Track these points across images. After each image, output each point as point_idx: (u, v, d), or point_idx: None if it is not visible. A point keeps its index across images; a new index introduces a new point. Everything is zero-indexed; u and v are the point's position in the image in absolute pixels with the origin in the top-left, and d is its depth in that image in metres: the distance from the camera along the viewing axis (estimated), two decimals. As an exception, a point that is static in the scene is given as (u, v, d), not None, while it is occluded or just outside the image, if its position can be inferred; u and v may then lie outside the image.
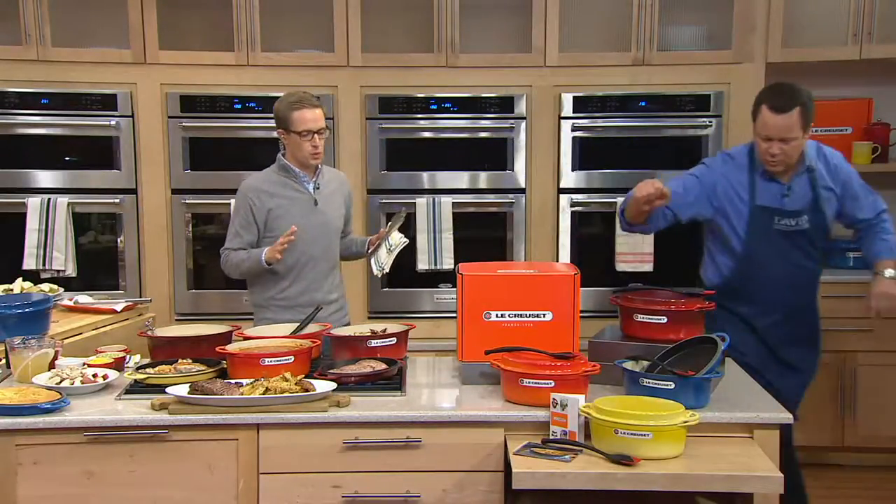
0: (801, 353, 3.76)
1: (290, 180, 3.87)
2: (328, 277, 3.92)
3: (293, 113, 3.77)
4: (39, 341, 3.29)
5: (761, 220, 3.63)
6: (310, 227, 3.83)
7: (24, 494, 2.94)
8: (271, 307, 3.89)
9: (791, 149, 3.53)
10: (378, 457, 2.98)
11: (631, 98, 4.85)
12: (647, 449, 2.75)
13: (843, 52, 4.90)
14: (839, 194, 3.68)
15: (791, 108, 3.49)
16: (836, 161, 3.72)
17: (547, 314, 3.23)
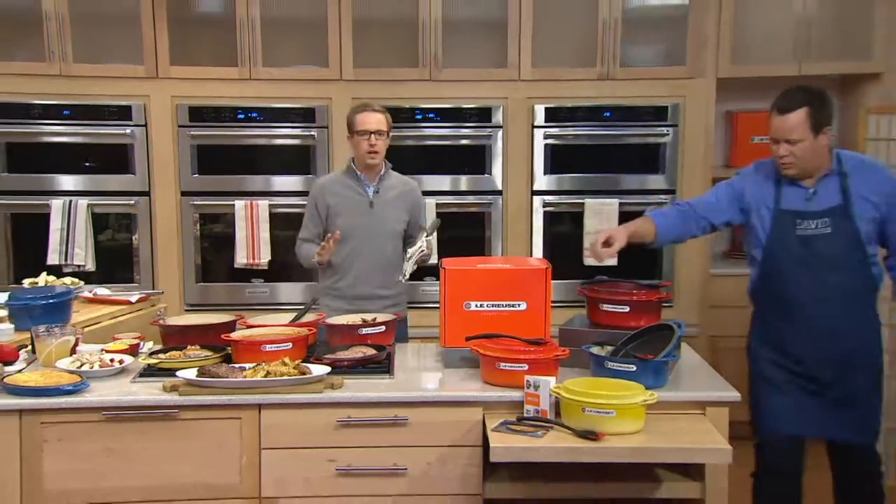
0: (845, 380, 3.17)
1: (352, 182, 3.88)
2: (377, 275, 3.86)
3: (356, 116, 3.82)
4: (62, 329, 3.27)
5: (783, 224, 3.21)
6: (362, 226, 3.83)
7: (50, 468, 2.93)
8: (327, 295, 3.90)
9: (800, 151, 3.13)
10: (368, 433, 2.97)
11: (596, 109, 4.85)
12: (611, 425, 2.75)
13: (784, 68, 4.90)
14: (883, 211, 3.15)
15: (793, 108, 3.14)
16: (879, 173, 3.23)
17: (521, 304, 3.23)
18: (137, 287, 4.72)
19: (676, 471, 2.99)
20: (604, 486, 2.95)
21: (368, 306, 3.74)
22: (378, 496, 2.99)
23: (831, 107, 3.22)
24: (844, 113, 5.31)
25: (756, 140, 5.19)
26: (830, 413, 3.20)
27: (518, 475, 2.96)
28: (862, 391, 3.19)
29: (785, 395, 3.20)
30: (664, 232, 3.33)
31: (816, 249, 3.16)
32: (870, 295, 3.20)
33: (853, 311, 3.17)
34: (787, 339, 3.20)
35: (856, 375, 3.17)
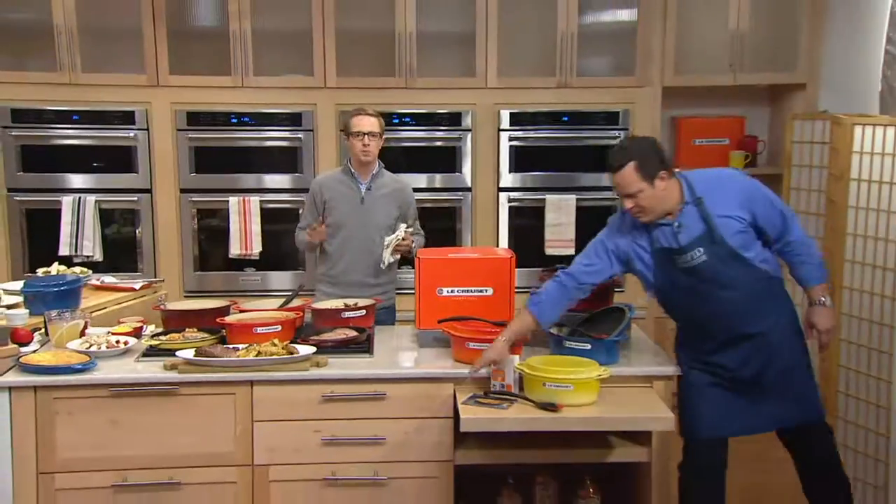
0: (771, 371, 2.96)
1: (347, 179, 3.86)
2: (368, 264, 3.82)
3: (352, 119, 3.81)
4: (72, 314, 3.25)
5: (664, 262, 2.96)
6: (353, 219, 3.81)
7: (62, 438, 2.92)
8: (322, 282, 3.89)
9: (644, 200, 2.87)
10: (351, 407, 2.95)
11: (555, 114, 4.84)
12: (568, 398, 2.75)
13: (721, 78, 4.92)
14: (749, 217, 2.92)
15: (622, 165, 2.87)
16: (727, 182, 2.98)
17: (488, 290, 3.22)
18: (141, 275, 4.66)
19: (626, 438, 3.00)
20: (562, 452, 2.95)
21: (359, 293, 3.72)
22: (359, 463, 2.98)
23: (660, 152, 2.92)
24: (773, 119, 5.34)
25: (698, 142, 5.21)
26: (769, 405, 2.98)
27: (485, 443, 2.96)
28: (792, 374, 2.97)
29: (709, 399, 2.95)
30: (545, 318, 3.00)
31: (702, 276, 2.90)
32: (770, 288, 2.95)
33: (758, 311, 2.93)
34: (704, 350, 2.98)
35: (781, 363, 2.94)
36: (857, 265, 3.88)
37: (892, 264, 3.65)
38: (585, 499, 3.05)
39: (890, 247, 3.69)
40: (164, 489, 2.95)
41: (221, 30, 4.74)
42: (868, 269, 3.80)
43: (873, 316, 3.79)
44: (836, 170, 4.12)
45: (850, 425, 3.89)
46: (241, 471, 2.97)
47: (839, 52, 4.69)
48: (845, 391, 3.93)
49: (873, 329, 3.79)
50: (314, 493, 2.98)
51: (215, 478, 2.96)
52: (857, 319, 3.87)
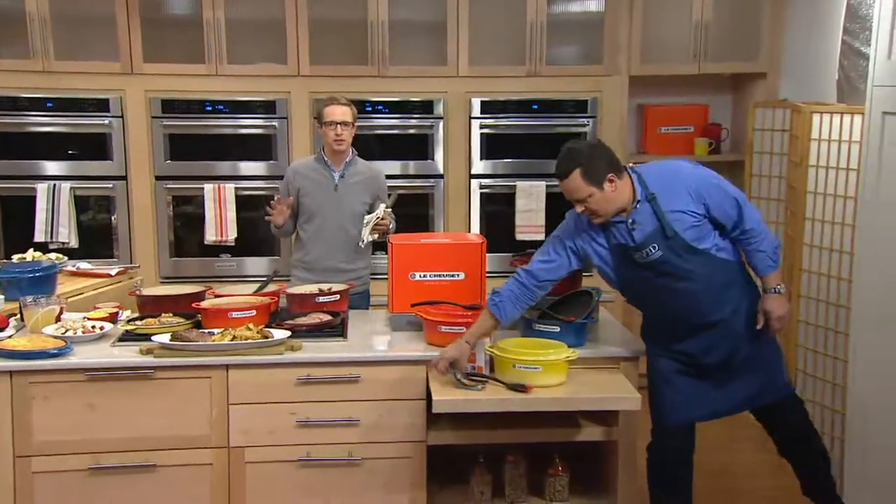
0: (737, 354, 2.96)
1: (321, 167, 3.83)
2: (342, 251, 3.80)
3: (325, 108, 3.76)
4: (48, 299, 3.21)
5: (622, 258, 2.94)
6: (326, 206, 3.78)
7: (38, 422, 2.89)
8: (298, 268, 3.86)
9: (594, 203, 2.84)
10: (325, 390, 2.94)
11: (525, 102, 4.83)
12: (538, 379, 2.76)
13: (686, 67, 4.94)
14: (702, 209, 2.87)
15: (567, 173, 2.84)
16: (678, 177, 2.92)
17: (460, 274, 3.22)
18: (116, 262, 4.61)
19: (594, 417, 3.02)
20: (532, 431, 2.97)
21: (334, 279, 3.70)
22: (334, 444, 2.97)
23: (606, 155, 2.88)
24: (736, 107, 5.38)
25: (664, 130, 5.23)
26: (738, 387, 2.98)
27: (457, 424, 2.96)
28: (759, 356, 2.97)
29: (675, 386, 2.96)
30: (506, 317, 2.94)
31: (659, 270, 2.88)
32: (729, 275, 2.92)
33: (718, 299, 2.90)
34: (670, 339, 2.97)
35: (747, 347, 2.95)
36: (816, 249, 3.93)
37: (849, 248, 3.70)
38: (554, 476, 3.06)
39: (846, 231, 3.74)
40: (140, 471, 2.92)
41: (195, 18, 4.67)
42: (826, 253, 3.86)
43: (830, 297, 3.84)
44: (795, 156, 4.16)
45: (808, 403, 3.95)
46: (217, 453, 2.95)
47: (799, 42, 4.73)
48: (803, 370, 3.99)
49: (830, 310, 3.84)
50: (289, 474, 2.97)
51: (191, 460, 2.94)
52: (814, 301, 3.93)
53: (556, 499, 3.06)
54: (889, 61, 3.27)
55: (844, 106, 3.93)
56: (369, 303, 3.92)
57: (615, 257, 2.95)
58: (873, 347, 3.32)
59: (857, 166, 3.66)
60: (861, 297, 3.41)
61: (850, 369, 3.55)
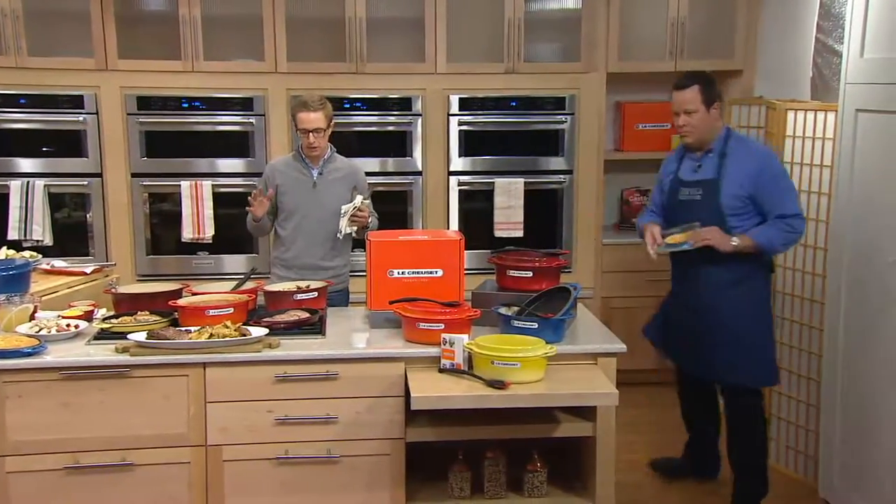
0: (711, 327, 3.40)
1: (299, 164, 3.81)
2: (322, 248, 3.79)
3: (297, 114, 3.72)
4: (21, 298, 3.17)
5: (674, 190, 3.49)
6: (305, 204, 3.76)
7: (12, 421, 2.85)
8: (277, 265, 3.84)
9: (696, 120, 3.37)
10: (303, 387, 2.94)
11: (504, 99, 4.84)
12: (516, 375, 2.77)
13: (662, 65, 4.98)
14: (749, 189, 3.30)
15: (688, 85, 3.39)
16: (753, 157, 3.35)
17: (438, 271, 3.22)
18: (92, 259, 4.57)
19: (572, 413, 3.03)
20: (511, 427, 2.98)
21: (313, 276, 3.69)
22: (313, 442, 2.97)
23: (718, 87, 3.45)
24: (714, 104, 5.42)
25: (641, 127, 5.27)
26: (705, 350, 3.44)
27: (436, 420, 2.97)
28: (737, 333, 3.37)
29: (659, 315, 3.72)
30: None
31: (690, 212, 3.38)
32: (740, 264, 3.33)
33: (725, 267, 3.34)
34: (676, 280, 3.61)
35: (727, 317, 3.35)
36: (791, 245, 3.96)
37: (823, 243, 3.75)
38: (533, 472, 3.08)
39: (820, 227, 3.78)
40: (117, 471, 2.90)
41: (171, 13, 4.64)
42: (800, 249, 3.90)
43: (805, 293, 3.88)
44: (771, 153, 4.19)
45: (783, 397, 4.00)
46: (195, 451, 2.93)
47: (773, 40, 4.78)
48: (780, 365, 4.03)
49: (805, 305, 3.88)
50: (268, 472, 2.96)
51: (169, 458, 2.92)
52: (790, 297, 3.97)
53: (535, 494, 3.07)
54: (862, 59, 3.31)
55: (818, 103, 3.97)
56: (349, 301, 3.92)
57: (671, 190, 3.51)
58: (845, 341, 3.37)
59: (830, 163, 3.71)
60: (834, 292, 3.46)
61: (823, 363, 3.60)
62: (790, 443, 3.96)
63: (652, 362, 5.02)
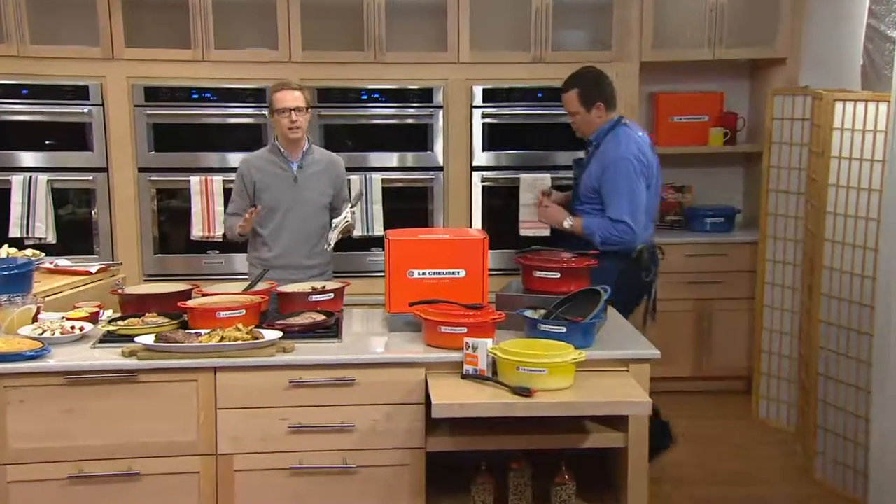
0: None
1: (277, 159, 3.82)
2: (305, 246, 3.82)
3: (275, 95, 3.75)
4: (24, 298, 3.19)
5: (574, 168, 3.97)
6: (287, 200, 3.78)
7: (13, 428, 2.88)
8: (256, 266, 3.85)
9: (577, 121, 3.80)
10: (319, 393, 2.95)
11: (530, 90, 4.84)
12: (543, 382, 2.77)
13: (700, 53, 4.95)
14: (600, 179, 3.71)
15: (568, 89, 3.78)
16: (608, 155, 3.70)
17: (461, 272, 3.22)
18: (97, 258, 4.61)
19: (602, 423, 3.02)
20: (537, 437, 2.97)
21: (295, 276, 3.71)
22: (328, 451, 2.97)
23: (604, 87, 3.78)
24: (753, 94, 5.39)
25: (676, 119, 5.24)
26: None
27: (458, 429, 2.97)
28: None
29: None
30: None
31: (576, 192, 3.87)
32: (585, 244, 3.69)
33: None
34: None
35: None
36: (838, 244, 3.93)
37: (873, 243, 3.71)
38: (561, 485, 3.07)
39: (871, 225, 3.74)
40: (123, 480, 2.92)
41: (180, 0, 4.67)
42: (848, 249, 3.86)
43: (853, 296, 3.84)
44: (816, 147, 4.16)
45: (830, 408, 3.96)
46: (205, 460, 2.95)
47: (820, 25, 4.73)
48: (825, 373, 3.99)
49: (853, 310, 3.84)
50: (281, 483, 2.98)
51: (177, 468, 2.94)
52: (836, 300, 3.93)
53: (563, 509, 3.06)
54: (916, 46, 3.27)
55: (869, 93, 3.93)
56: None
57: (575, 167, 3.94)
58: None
59: (882, 157, 3.67)
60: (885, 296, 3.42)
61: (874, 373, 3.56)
62: (838, 457, 3.92)
63: (688, 369, 5.01)
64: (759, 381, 4.73)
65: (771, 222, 4.62)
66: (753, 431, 4.59)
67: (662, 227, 5.34)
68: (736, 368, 5.04)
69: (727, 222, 5.20)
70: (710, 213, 5.21)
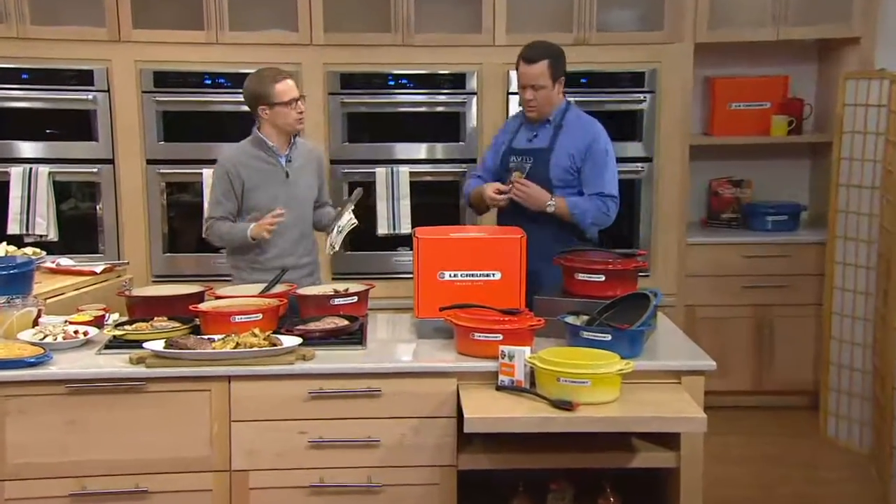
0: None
1: (263, 153, 3.81)
2: (299, 244, 3.85)
3: (276, 86, 3.72)
4: (24, 300, 3.24)
5: (504, 158, 3.82)
6: (281, 197, 3.77)
7: (12, 440, 2.92)
8: (246, 269, 3.84)
9: (541, 97, 3.71)
10: (341, 405, 2.97)
11: (573, 75, 4.76)
12: (586, 395, 2.77)
13: (762, 33, 4.91)
14: (579, 164, 3.72)
15: (538, 59, 3.69)
16: (588, 131, 3.76)
17: (496, 274, 3.23)
18: (102, 257, 4.67)
19: (652, 440, 3.02)
20: (579, 456, 2.97)
21: (289, 276, 3.68)
22: (351, 468, 2.99)
23: (565, 61, 3.78)
24: (822, 78, 5.34)
25: (735, 106, 5.21)
26: None
27: (493, 446, 2.98)
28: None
29: None
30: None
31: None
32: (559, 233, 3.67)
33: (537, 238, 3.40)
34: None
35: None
36: (916, 246, 3.89)
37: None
38: (605, 508, 3.07)
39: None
40: (129, 498, 2.96)
41: (192, -23, 4.73)
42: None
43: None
44: (894, 136, 4.12)
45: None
46: (218, 477, 2.98)
47: (898, 1, 4.69)
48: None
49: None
50: (299, 502, 3.00)
51: (188, 485, 2.98)
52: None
53: (607, 534, 3.06)
54: None
55: (951, 77, 3.89)
56: None
57: (502, 159, 3.83)
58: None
59: (965, 149, 3.62)
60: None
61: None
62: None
63: (746, 382, 4.98)
64: (828, 396, 4.68)
65: (841, 220, 4.58)
66: (820, 452, 4.55)
67: (718, 225, 5.31)
68: (800, 382, 5.00)
69: (791, 220, 5.16)
70: (771, 210, 5.18)
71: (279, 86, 3.71)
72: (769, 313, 4.99)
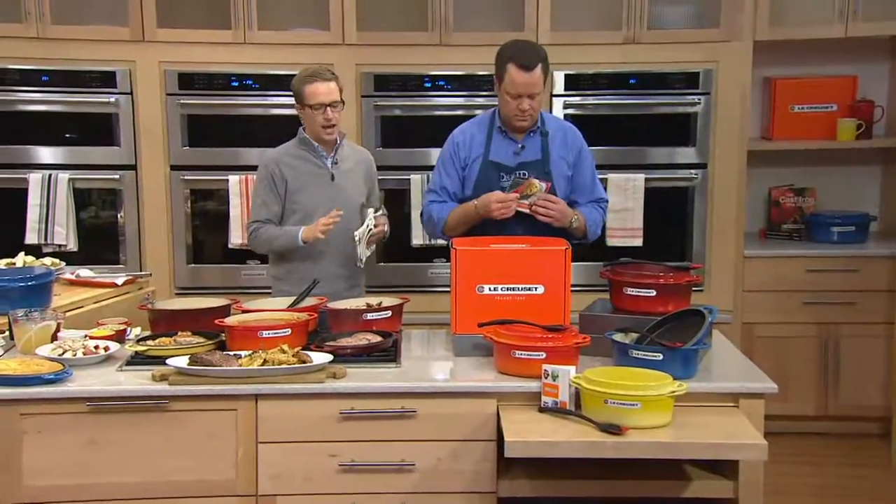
0: None
1: (309, 154, 3.86)
2: (343, 253, 3.84)
3: (306, 87, 3.76)
4: (42, 314, 3.29)
5: (489, 175, 3.64)
6: (325, 200, 3.81)
7: (29, 462, 2.96)
8: (289, 279, 3.87)
9: (536, 106, 3.61)
10: (374, 426, 2.98)
11: (621, 76, 4.83)
12: (635, 418, 2.76)
13: (828, 30, 4.88)
14: (572, 164, 3.69)
15: (535, 65, 3.54)
16: (574, 135, 3.75)
17: (539, 287, 3.23)
18: (123, 268, 4.72)
19: (707, 468, 3.00)
20: (628, 483, 2.96)
21: (331, 289, 3.72)
22: (384, 493, 3.01)
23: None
24: (894, 78, 5.28)
25: (797, 109, 5.18)
26: None
27: (535, 472, 2.98)
28: None
29: None
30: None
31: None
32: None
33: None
34: None
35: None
36: None
37: None
38: (656, 541, 3.06)
39: None
40: (151, 523, 3.00)
41: (219, -26, 4.79)
42: None
43: None
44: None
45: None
46: (243, 502, 3.01)
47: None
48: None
49: None
50: (329, 530, 3.03)
51: (212, 510, 3.01)
52: None
53: (658, 568, 3.05)
54: None
55: None
56: None
57: (483, 173, 3.65)
58: None
59: None
60: None
61: None
62: None
63: (811, 407, 4.93)
64: (899, 423, 4.63)
65: (914, 232, 4.53)
66: (891, 484, 4.49)
67: (779, 236, 5.27)
68: (870, 407, 4.94)
69: (859, 232, 5.11)
70: (837, 220, 5.13)
71: (309, 87, 3.76)
72: (834, 332, 4.94)
